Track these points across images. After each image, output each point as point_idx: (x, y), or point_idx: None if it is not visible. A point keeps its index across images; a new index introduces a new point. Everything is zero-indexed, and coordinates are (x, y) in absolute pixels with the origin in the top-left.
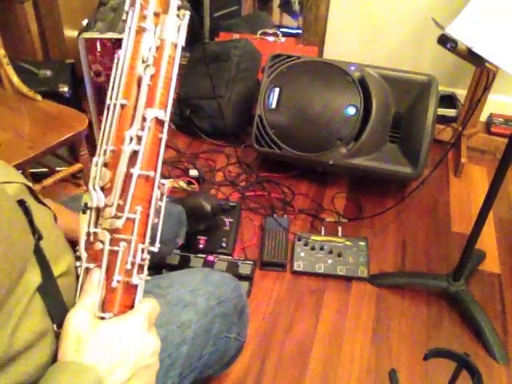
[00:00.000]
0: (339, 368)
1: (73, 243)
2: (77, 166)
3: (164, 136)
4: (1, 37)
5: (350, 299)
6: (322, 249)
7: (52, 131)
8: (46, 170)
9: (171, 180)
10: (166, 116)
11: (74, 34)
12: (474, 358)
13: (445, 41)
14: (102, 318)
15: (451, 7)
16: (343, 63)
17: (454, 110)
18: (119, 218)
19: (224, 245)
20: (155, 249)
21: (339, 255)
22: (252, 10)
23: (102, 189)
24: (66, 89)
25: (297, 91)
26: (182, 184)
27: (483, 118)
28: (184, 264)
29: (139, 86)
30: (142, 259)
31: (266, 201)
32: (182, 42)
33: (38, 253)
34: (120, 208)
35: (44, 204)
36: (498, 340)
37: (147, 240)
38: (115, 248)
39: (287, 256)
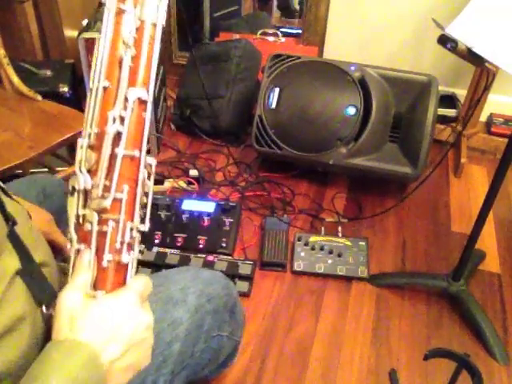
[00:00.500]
0: (339, 368)
1: (50, 245)
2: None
3: (147, 115)
4: (1, 37)
5: (349, 299)
6: (322, 249)
7: (52, 131)
8: (45, 169)
9: (171, 180)
10: (148, 96)
11: (74, 34)
12: (474, 358)
13: (445, 41)
14: (94, 297)
15: (451, 7)
16: (343, 63)
17: (454, 110)
18: (106, 198)
19: (224, 245)
20: (145, 228)
21: (339, 255)
22: (252, 10)
23: (89, 171)
24: (66, 89)
25: (297, 91)
26: (182, 184)
27: (483, 118)
28: (184, 264)
29: (121, 67)
30: (132, 238)
31: (266, 201)
32: (161, 21)
33: (13, 238)
34: (107, 188)
35: (16, 201)
36: (498, 340)
37: (136, 218)
38: (104, 228)
39: (287, 256)
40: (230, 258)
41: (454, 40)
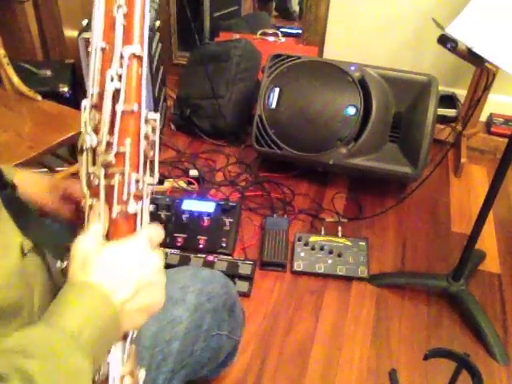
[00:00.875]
0: (339, 368)
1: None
2: (77, 166)
3: (144, 70)
4: (1, 37)
5: (350, 299)
6: (322, 249)
7: (52, 131)
8: (45, 170)
9: (171, 180)
10: (142, 51)
11: (74, 34)
12: (474, 358)
13: (445, 41)
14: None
15: (451, 7)
16: (343, 63)
17: (454, 110)
18: (109, 152)
19: (224, 245)
20: (154, 180)
21: (339, 255)
22: (252, 10)
23: (95, 130)
24: (66, 89)
25: (297, 91)
26: (182, 184)
27: (483, 117)
28: (184, 264)
29: (114, 27)
30: (139, 189)
31: (266, 201)
32: None
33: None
34: (110, 144)
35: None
36: (498, 340)
37: (141, 169)
38: (111, 182)
39: (287, 256)
40: (230, 257)
41: (454, 40)
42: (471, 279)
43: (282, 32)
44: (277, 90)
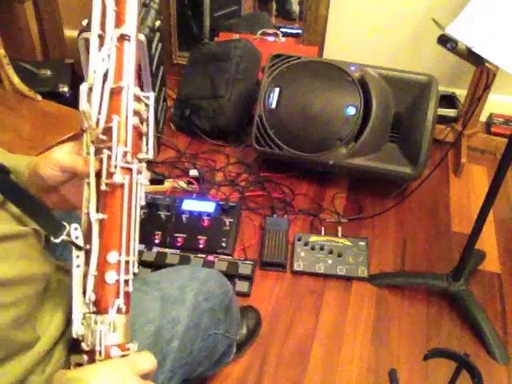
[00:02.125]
0: (339, 368)
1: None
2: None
3: (132, 49)
4: (1, 37)
5: (350, 299)
6: (322, 249)
7: (52, 131)
8: None
9: (171, 180)
10: (131, 31)
11: (74, 34)
12: (473, 358)
13: (445, 41)
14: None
15: (451, 7)
16: (343, 63)
17: (454, 110)
18: (98, 128)
19: (224, 245)
20: (149, 156)
21: (339, 255)
22: (252, 10)
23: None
24: (66, 89)
25: (297, 91)
26: (182, 184)
27: (483, 117)
28: (184, 264)
29: (106, 11)
30: (127, 162)
31: (265, 201)
32: None
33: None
34: (99, 121)
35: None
36: (498, 340)
37: (129, 144)
38: (101, 155)
39: (287, 256)
40: (230, 257)
41: (454, 40)
42: (471, 279)
43: (282, 32)
44: (277, 89)
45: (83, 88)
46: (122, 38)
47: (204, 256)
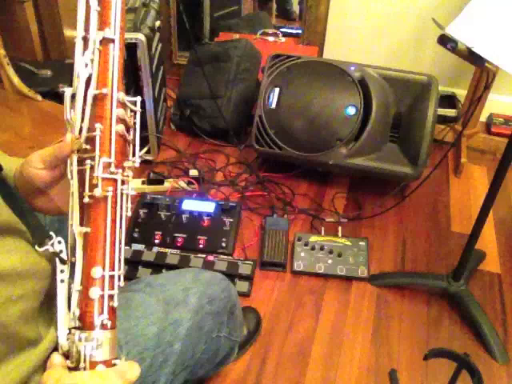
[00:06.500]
0: (339, 368)
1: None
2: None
3: (116, 53)
4: (1, 37)
5: (350, 299)
6: (322, 249)
7: (52, 131)
8: None
9: (171, 180)
10: (115, 34)
11: (74, 34)
12: (474, 358)
13: (445, 41)
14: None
15: (451, 7)
16: (343, 63)
17: (454, 110)
18: (80, 138)
19: (224, 245)
20: (136, 165)
21: (339, 255)
22: (252, 10)
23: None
24: (66, 89)
25: (297, 91)
26: (182, 184)
27: (483, 117)
28: (184, 264)
29: (89, 13)
30: (111, 172)
31: (265, 201)
32: None
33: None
34: (81, 130)
35: None
36: (498, 340)
37: (113, 153)
38: (83, 166)
39: (287, 256)
40: (230, 257)
41: (454, 40)
42: (471, 279)
43: (282, 32)
44: (277, 90)
45: (67, 94)
46: (106, 41)
47: (204, 256)
